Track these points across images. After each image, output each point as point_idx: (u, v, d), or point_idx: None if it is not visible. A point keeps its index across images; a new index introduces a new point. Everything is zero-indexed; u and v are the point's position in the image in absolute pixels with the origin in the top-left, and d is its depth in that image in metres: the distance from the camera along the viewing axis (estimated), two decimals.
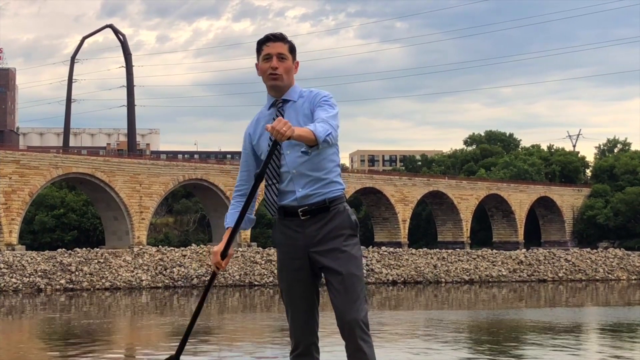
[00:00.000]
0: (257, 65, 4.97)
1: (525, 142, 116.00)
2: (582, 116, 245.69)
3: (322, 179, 4.67)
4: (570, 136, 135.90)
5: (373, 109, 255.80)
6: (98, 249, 58.70)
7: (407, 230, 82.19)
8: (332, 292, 4.63)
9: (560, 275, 66.67)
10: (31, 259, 54.13)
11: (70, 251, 56.67)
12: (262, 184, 4.76)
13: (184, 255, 57.74)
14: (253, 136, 4.94)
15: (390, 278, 61.22)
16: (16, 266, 52.62)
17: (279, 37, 4.96)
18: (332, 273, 4.64)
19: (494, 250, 72.59)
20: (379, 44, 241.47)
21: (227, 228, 4.92)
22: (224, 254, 4.75)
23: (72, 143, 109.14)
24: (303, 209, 4.68)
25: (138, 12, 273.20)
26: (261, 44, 4.94)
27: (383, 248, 68.16)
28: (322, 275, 4.72)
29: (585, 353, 25.23)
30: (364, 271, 4.76)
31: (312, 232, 4.66)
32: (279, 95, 4.87)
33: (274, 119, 4.78)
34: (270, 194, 4.77)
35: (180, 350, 5.12)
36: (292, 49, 4.98)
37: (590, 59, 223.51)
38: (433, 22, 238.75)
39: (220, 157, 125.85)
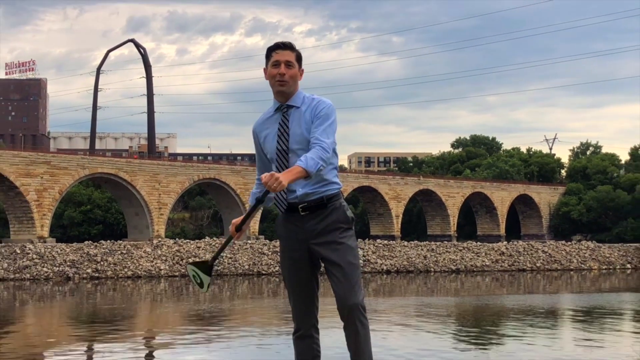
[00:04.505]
0: (265, 70, 4.96)
1: (507, 145, 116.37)
2: (558, 122, 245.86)
3: (321, 179, 4.67)
4: (547, 140, 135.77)
5: (371, 115, 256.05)
6: (121, 242, 58.76)
7: (399, 225, 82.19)
8: (332, 280, 4.65)
9: (537, 265, 66.72)
10: (61, 250, 54.22)
11: (96, 243, 56.73)
12: None
13: (199, 247, 57.84)
14: (259, 135, 4.95)
15: (385, 268, 61.28)
16: (47, 257, 52.69)
17: (287, 46, 4.90)
18: (332, 263, 4.65)
19: (478, 243, 72.61)
20: (378, 56, 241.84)
21: (250, 206, 5.02)
22: (239, 228, 4.79)
23: (97, 146, 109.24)
24: (303, 205, 4.70)
25: (160, 28, 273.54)
26: (271, 50, 4.92)
27: (378, 241, 68.15)
28: (322, 264, 4.74)
29: (560, 335, 25.26)
30: (360, 261, 4.77)
31: (311, 227, 4.68)
32: (284, 100, 4.87)
33: (279, 124, 4.80)
34: (280, 192, 4.78)
35: (214, 259, 5.17)
36: (299, 58, 4.90)
37: (567, 70, 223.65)
38: (426, 37, 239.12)
39: (231, 158, 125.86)
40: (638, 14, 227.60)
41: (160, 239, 62.59)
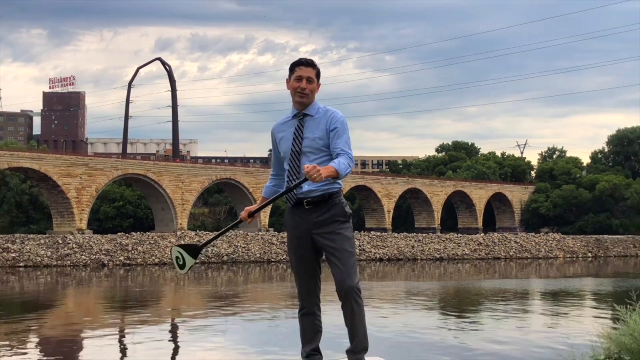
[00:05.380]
0: (287, 81, 4.93)
1: (484, 149, 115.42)
2: (529, 130, 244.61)
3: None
4: (519, 145, 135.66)
5: (366, 124, 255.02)
6: (149, 233, 58.76)
7: (391, 219, 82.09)
8: (331, 265, 4.65)
9: (510, 254, 66.65)
10: (97, 240, 54.25)
11: (127, 234, 56.75)
12: (284, 177, 4.87)
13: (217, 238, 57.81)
14: (276, 136, 4.94)
15: (378, 256, 61.23)
16: (85, 246, 52.73)
17: (310, 63, 4.91)
18: (331, 250, 4.65)
19: (459, 235, 72.52)
20: (372, 72, 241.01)
21: (263, 197, 5.06)
22: (251, 214, 4.79)
23: (129, 150, 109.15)
24: (308, 200, 4.69)
25: (184, 48, 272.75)
26: (295, 65, 4.90)
27: (372, 233, 68.09)
28: (323, 252, 4.75)
29: (530, 313, 25.27)
30: (356, 249, 4.78)
31: (314, 219, 4.68)
32: (302, 109, 4.86)
33: (295, 129, 4.81)
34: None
35: (204, 245, 5.11)
36: (318, 74, 4.93)
37: (536, 84, 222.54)
38: (415, 55, 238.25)
39: (245, 161, 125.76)
40: (597, 36, 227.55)
41: (183, 231, 62.56)
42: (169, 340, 19.78)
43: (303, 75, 4.84)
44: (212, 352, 16.93)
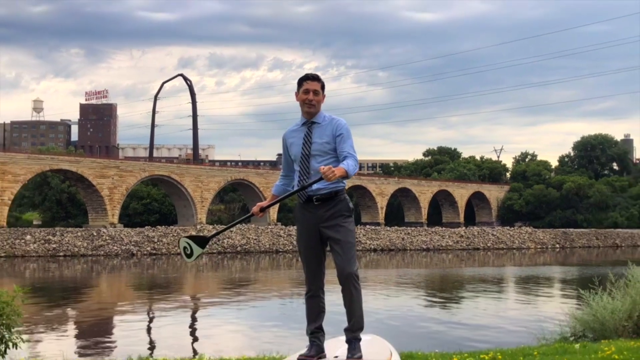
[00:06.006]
0: (296, 94, 4.89)
1: (465, 154, 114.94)
2: (505, 137, 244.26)
3: None
4: (495, 150, 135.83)
5: (362, 131, 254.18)
6: (172, 227, 58.77)
7: (383, 214, 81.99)
8: (334, 254, 4.67)
9: (488, 245, 66.57)
10: (127, 233, 54.26)
11: (153, 228, 56.75)
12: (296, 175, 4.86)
13: (231, 231, 57.76)
14: (287, 141, 4.92)
15: (372, 247, 61.18)
16: (116, 238, 52.75)
17: (315, 78, 4.88)
18: (335, 241, 4.66)
19: (443, 228, 72.44)
20: (367, 87, 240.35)
21: (273, 195, 5.01)
22: (263, 209, 4.79)
23: (155, 154, 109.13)
24: (316, 197, 4.70)
25: (203, 65, 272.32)
26: (302, 80, 4.87)
27: (367, 226, 68.07)
28: (328, 242, 4.75)
29: (505, 296, 25.27)
30: (356, 241, 4.78)
31: (321, 213, 4.68)
32: (309, 117, 4.84)
33: (304, 135, 4.81)
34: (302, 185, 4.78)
35: (213, 236, 5.08)
36: (323, 87, 4.89)
37: (511, 97, 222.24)
38: (404, 72, 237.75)
39: (256, 164, 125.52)
40: (563, 55, 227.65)
41: (202, 225, 62.49)
42: (191, 319, 19.79)
43: (310, 88, 4.82)
44: (229, 329, 16.95)
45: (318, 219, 4.64)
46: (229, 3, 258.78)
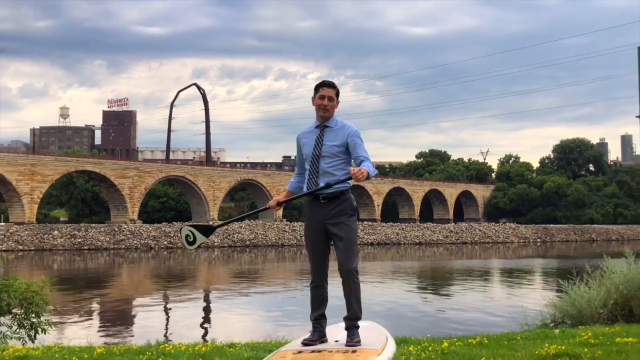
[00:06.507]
0: (313, 98, 4.80)
1: (454, 156, 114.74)
2: (490, 140, 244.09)
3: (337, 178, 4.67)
4: (482, 153, 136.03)
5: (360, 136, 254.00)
6: (187, 223, 58.70)
7: (380, 211, 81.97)
8: (337, 249, 4.65)
9: (475, 239, 66.55)
10: (145, 228, 54.31)
11: (170, 224, 56.81)
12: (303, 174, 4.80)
13: (240, 227, 57.84)
14: (301, 141, 4.85)
15: (369, 241, 61.18)
16: (136, 233, 52.80)
17: (331, 85, 4.78)
18: (338, 238, 4.64)
19: (434, 224, 72.46)
20: (365, 95, 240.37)
21: (287, 191, 4.92)
22: (280, 204, 4.75)
23: (171, 157, 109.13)
24: (323, 196, 4.68)
25: (215, 75, 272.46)
26: (319, 86, 4.78)
27: (364, 222, 68.11)
28: (332, 238, 4.73)
29: (491, 286, 25.25)
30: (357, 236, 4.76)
31: (327, 211, 4.65)
32: (323, 121, 4.77)
33: (317, 137, 4.76)
34: (311, 184, 4.75)
35: (219, 226, 5.01)
36: (337, 93, 4.79)
37: (496, 104, 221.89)
38: (399, 81, 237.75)
39: (263, 165, 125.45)
40: (545, 66, 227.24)
41: (214, 221, 62.55)
42: (204, 307, 19.80)
43: (325, 94, 4.75)
44: (239, 316, 16.95)
45: (324, 216, 4.62)
46: (234, 17, 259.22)
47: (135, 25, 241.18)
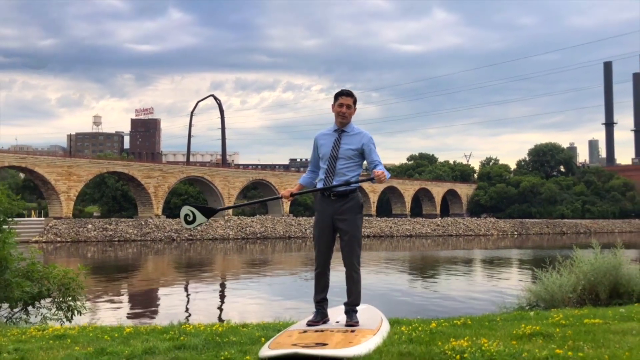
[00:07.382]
0: (332, 105, 4.70)
1: (441, 159, 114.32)
2: (473, 145, 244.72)
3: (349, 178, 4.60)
4: (466, 156, 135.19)
5: None
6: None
7: (375, 207, 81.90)
8: (342, 243, 4.62)
9: (460, 232, 66.49)
10: (169, 223, 54.36)
11: None
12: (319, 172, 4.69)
13: (252, 221, 57.88)
14: (318, 142, 4.74)
15: (365, 234, 61.12)
16: (160, 227, 52.86)
17: (349, 94, 4.70)
18: (344, 232, 4.60)
19: (423, 219, 72.43)
20: (362, 105, 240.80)
21: (299, 184, 4.82)
22: (292, 195, 4.69)
23: (191, 159, 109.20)
24: (333, 193, 4.64)
25: (230, 87, 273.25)
26: (339, 95, 4.70)
27: None
28: (338, 232, 4.68)
29: (473, 273, 25.20)
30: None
31: (337, 207, 4.59)
32: (341, 126, 4.69)
33: (335, 140, 4.68)
34: (327, 182, 4.67)
35: (222, 209, 4.92)
36: (355, 101, 4.70)
37: (479, 113, 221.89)
38: (393, 92, 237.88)
39: (272, 167, 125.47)
40: (521, 79, 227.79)
41: (229, 216, 62.55)
42: (220, 292, 19.80)
43: (344, 102, 4.66)
44: (251, 299, 16.95)
45: (333, 211, 4.57)
46: (247, 38, 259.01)
47: (108, 43, 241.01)
